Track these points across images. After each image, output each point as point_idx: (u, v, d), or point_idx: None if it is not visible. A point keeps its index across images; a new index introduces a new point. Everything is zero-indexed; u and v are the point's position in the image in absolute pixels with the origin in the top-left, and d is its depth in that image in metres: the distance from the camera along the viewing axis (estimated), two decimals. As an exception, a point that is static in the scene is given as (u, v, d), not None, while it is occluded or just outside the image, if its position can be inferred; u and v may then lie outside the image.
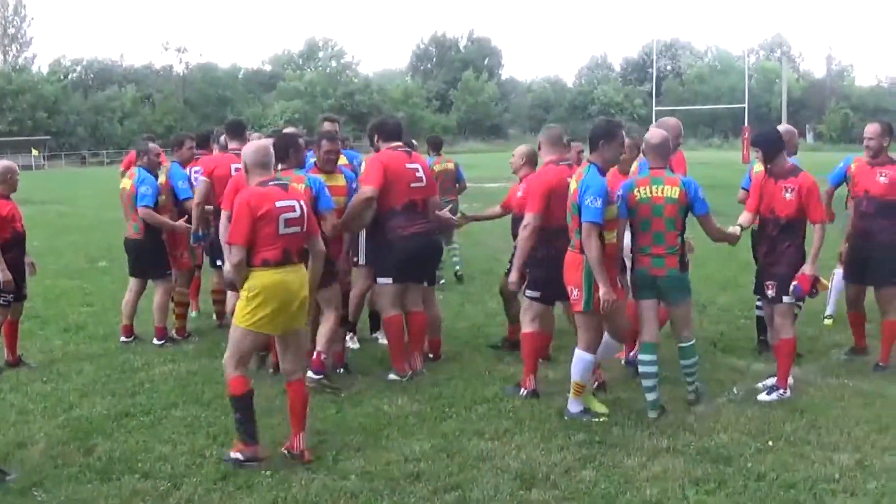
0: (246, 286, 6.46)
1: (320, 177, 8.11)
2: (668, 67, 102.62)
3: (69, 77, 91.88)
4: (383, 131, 8.83)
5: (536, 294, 8.04)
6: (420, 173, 8.60)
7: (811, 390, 7.94)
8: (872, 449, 6.60)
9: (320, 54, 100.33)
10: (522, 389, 7.92)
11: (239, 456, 6.49)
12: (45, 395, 8.14)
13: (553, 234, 7.71)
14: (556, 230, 7.64)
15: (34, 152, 73.86)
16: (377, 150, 8.83)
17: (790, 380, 7.92)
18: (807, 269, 7.60)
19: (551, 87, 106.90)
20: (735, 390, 8.01)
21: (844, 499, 5.77)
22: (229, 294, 9.32)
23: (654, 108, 72.86)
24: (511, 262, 8.66)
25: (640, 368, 7.66)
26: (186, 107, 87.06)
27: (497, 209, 9.49)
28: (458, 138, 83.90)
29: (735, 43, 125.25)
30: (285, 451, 6.58)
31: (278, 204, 6.48)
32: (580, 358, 7.29)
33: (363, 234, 8.84)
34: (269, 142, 7.43)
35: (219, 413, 7.54)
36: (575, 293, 7.19)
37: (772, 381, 7.87)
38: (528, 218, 7.82)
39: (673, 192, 7.36)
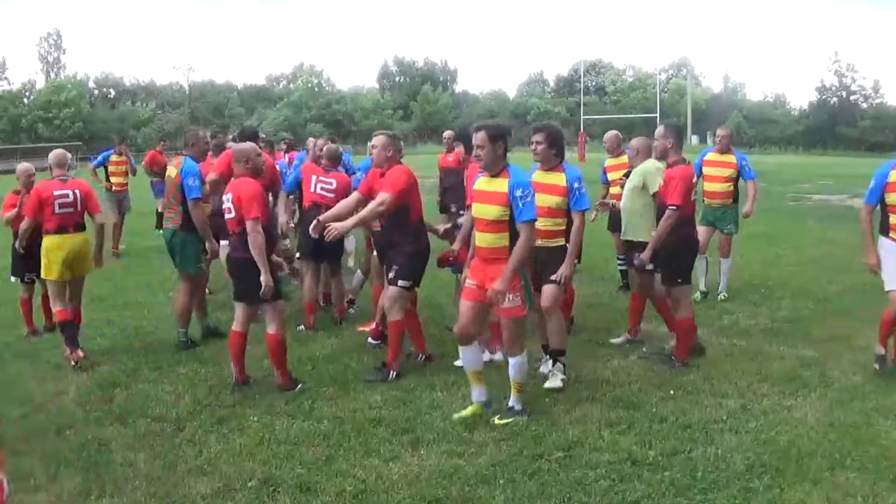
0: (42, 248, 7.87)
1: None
2: (593, 83, 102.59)
3: (93, 92, 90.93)
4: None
5: (407, 284, 7.35)
6: None
7: (706, 348, 7.99)
8: (754, 395, 6.69)
9: (304, 75, 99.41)
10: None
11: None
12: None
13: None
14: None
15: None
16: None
17: None
18: None
19: (495, 99, 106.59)
20: (644, 349, 8.07)
21: (731, 436, 5.83)
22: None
23: (582, 117, 73.24)
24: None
25: None
26: (192, 115, 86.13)
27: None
28: (418, 141, 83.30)
29: (649, 62, 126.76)
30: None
31: (55, 192, 7.79)
32: None
33: None
34: (63, 151, 8.31)
35: (216, 369, 7.50)
36: None
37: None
38: (383, 197, 7.01)
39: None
